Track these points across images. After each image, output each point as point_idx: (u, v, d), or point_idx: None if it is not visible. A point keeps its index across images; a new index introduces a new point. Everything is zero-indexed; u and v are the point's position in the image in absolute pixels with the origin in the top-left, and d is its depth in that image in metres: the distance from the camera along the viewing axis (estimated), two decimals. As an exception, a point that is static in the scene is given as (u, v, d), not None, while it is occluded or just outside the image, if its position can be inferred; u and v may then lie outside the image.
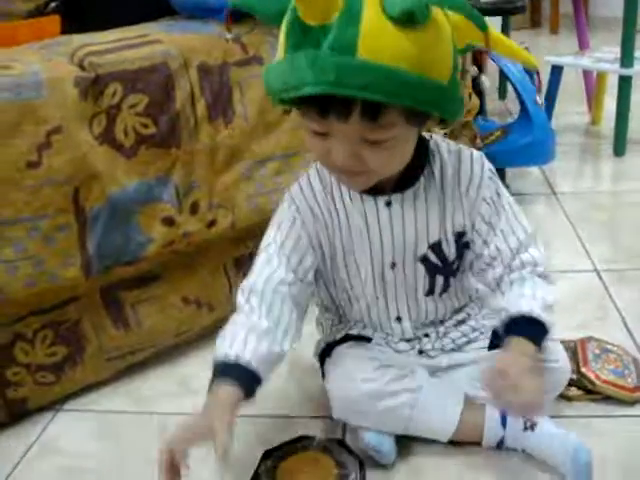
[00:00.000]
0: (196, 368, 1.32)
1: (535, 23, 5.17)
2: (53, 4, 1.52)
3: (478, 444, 1.05)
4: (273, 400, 1.21)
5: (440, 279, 1.05)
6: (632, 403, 1.13)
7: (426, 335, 1.11)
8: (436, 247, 1.01)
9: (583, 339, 1.23)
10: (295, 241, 1.01)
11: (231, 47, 1.27)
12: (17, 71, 1.08)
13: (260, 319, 0.97)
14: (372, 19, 0.75)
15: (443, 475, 1.03)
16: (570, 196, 2.04)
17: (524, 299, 0.97)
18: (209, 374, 1.26)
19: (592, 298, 1.47)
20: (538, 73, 1.02)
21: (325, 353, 1.13)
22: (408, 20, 0.75)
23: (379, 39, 0.75)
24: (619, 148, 2.33)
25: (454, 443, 1.06)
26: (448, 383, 1.08)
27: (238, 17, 1.29)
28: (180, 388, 1.28)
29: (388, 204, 0.98)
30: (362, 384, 1.02)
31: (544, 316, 0.95)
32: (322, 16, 0.76)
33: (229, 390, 0.92)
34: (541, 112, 1.89)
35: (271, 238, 1.03)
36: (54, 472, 1.10)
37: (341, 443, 1.03)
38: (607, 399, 1.13)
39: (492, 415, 1.04)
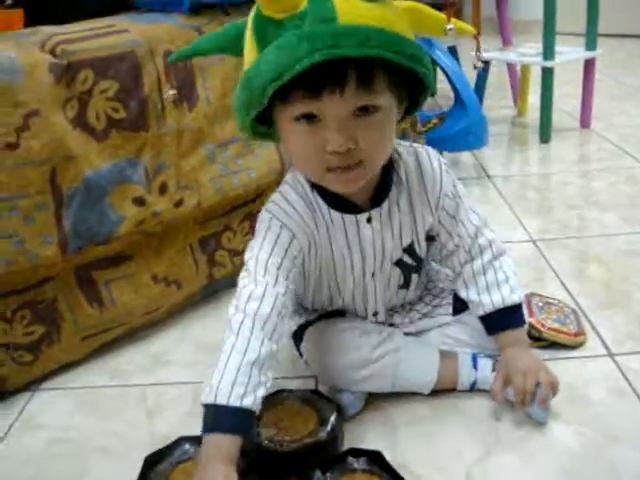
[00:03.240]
0: (167, 344, 1.39)
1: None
2: (10, 1, 1.56)
3: (452, 390, 1.15)
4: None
5: (415, 276, 1.15)
6: (574, 347, 1.25)
7: (396, 312, 1.19)
8: (409, 249, 1.09)
9: (527, 295, 1.35)
10: (281, 258, 0.98)
11: (194, 36, 1.34)
12: (-7, 57, 1.12)
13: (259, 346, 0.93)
14: None
15: (415, 419, 1.12)
16: (503, 179, 2.19)
17: (494, 292, 1.10)
18: (180, 349, 1.34)
19: (531, 263, 1.60)
20: (476, 36, 1.08)
21: (299, 332, 1.16)
22: None
23: (353, 9, 0.80)
24: (544, 135, 2.50)
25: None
26: (422, 341, 1.17)
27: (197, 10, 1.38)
28: (154, 361, 1.33)
29: (369, 220, 1.02)
30: (349, 354, 1.08)
31: (516, 297, 1.09)
32: (293, 8, 0.81)
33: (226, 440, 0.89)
34: (474, 98, 2.03)
35: (254, 256, 0.98)
36: (39, 444, 1.13)
37: (317, 392, 1.11)
38: (553, 345, 1.25)
39: (465, 360, 1.14)
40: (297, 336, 1.18)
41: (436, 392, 1.14)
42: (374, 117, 0.87)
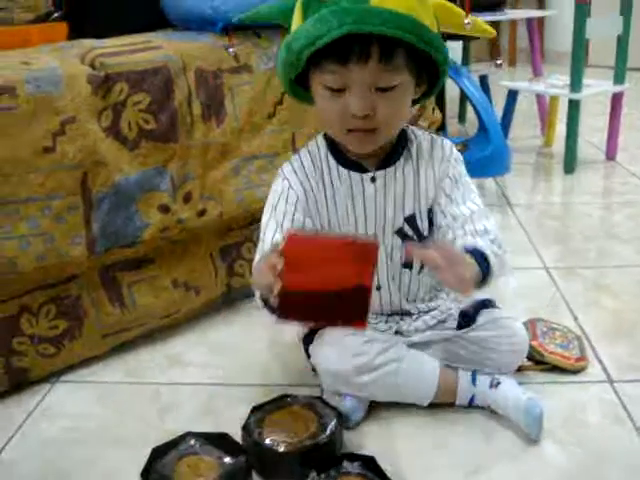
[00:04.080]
0: (183, 346, 1.45)
1: (494, 55, 5.43)
2: (55, 15, 1.65)
3: (450, 405, 1.19)
4: (256, 373, 1.34)
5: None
6: (575, 372, 1.28)
7: (402, 319, 1.24)
8: (411, 220, 1.15)
9: (533, 319, 1.39)
10: (292, 217, 1.12)
11: (224, 56, 1.42)
12: (37, 67, 1.21)
13: None
14: None
15: (414, 431, 1.16)
16: (524, 207, 2.22)
17: (476, 241, 1.07)
18: (195, 352, 1.40)
19: (542, 290, 1.63)
20: (495, 39, 1.23)
21: (309, 335, 1.23)
22: None
23: None
24: (569, 166, 2.53)
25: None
26: (423, 354, 1.21)
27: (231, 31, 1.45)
28: (170, 361, 1.40)
29: (373, 180, 1.13)
30: (353, 358, 1.13)
31: (492, 257, 1.05)
32: None
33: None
34: (498, 127, 2.07)
35: (269, 217, 1.13)
36: (55, 432, 1.20)
37: (320, 399, 1.16)
38: (554, 369, 1.28)
39: (464, 375, 1.18)
40: (307, 339, 1.24)
41: (435, 406, 1.18)
42: (391, 93, 1.00)
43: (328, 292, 0.86)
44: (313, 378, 1.27)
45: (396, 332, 1.23)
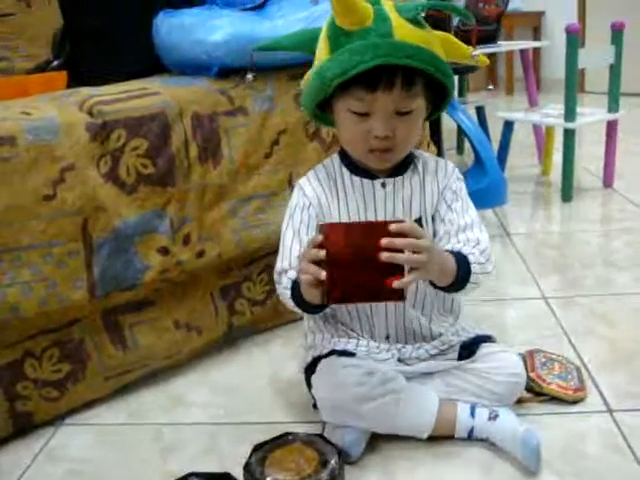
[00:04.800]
0: (186, 387, 1.46)
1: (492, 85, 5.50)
2: (55, 63, 1.70)
3: (450, 438, 1.20)
4: (258, 411, 1.35)
5: None
6: (573, 402, 1.29)
7: (404, 347, 1.26)
8: (418, 223, 1.18)
9: (531, 350, 1.40)
10: (307, 223, 1.22)
11: (219, 99, 1.45)
12: (36, 116, 1.24)
13: None
14: (396, 19, 1.07)
15: (414, 465, 1.17)
16: (522, 236, 2.24)
17: (464, 248, 1.16)
18: (198, 392, 1.42)
19: (541, 320, 1.65)
20: (492, 66, 1.33)
21: (311, 366, 1.26)
22: (416, 21, 1.08)
23: (405, 30, 1.07)
24: (566, 194, 2.55)
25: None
26: (423, 387, 1.23)
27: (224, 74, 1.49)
28: (172, 402, 1.41)
29: (383, 185, 1.21)
30: (352, 388, 1.16)
31: (474, 265, 1.14)
32: (361, 23, 1.06)
33: None
34: (494, 160, 2.10)
35: (286, 226, 1.23)
36: (61, 475, 1.21)
37: (321, 437, 1.17)
38: (553, 399, 1.29)
39: (463, 408, 1.20)
40: (309, 370, 1.27)
41: (435, 439, 1.19)
42: (409, 117, 1.12)
43: (367, 257, 1.00)
44: (314, 415, 1.28)
45: (399, 360, 1.26)
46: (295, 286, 1.16)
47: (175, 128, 1.38)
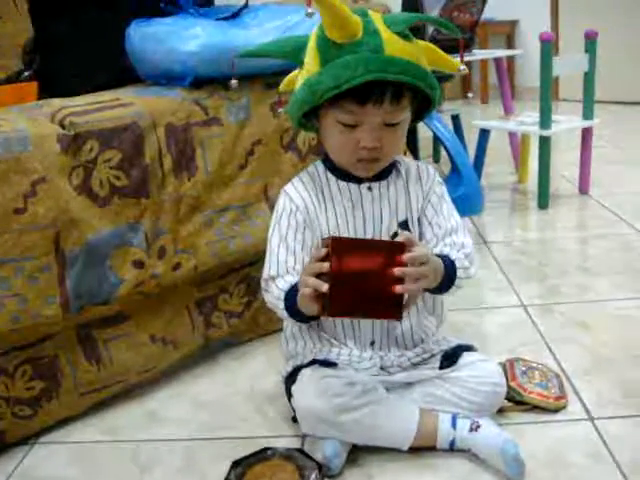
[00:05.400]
0: (162, 402, 1.43)
1: (466, 93, 5.54)
2: (26, 73, 1.67)
3: (431, 449, 1.19)
4: (236, 425, 1.33)
5: None
6: (555, 410, 1.29)
7: (386, 355, 1.25)
8: (404, 225, 1.23)
9: (511, 359, 1.40)
10: (295, 229, 1.22)
11: (194, 109, 1.43)
12: (6, 128, 1.21)
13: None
14: (385, 32, 1.07)
15: (394, 477, 1.15)
16: (500, 244, 2.24)
17: (451, 252, 1.20)
18: (175, 407, 1.40)
19: (520, 328, 1.64)
20: (467, 75, 1.37)
21: (291, 375, 1.25)
22: (404, 34, 1.09)
23: (394, 44, 1.07)
24: (542, 201, 2.56)
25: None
26: (403, 398, 1.22)
27: (199, 84, 1.47)
28: (149, 418, 1.38)
29: (369, 189, 1.22)
30: (332, 398, 1.15)
31: (460, 271, 1.18)
32: (352, 37, 1.06)
33: None
34: (470, 169, 2.10)
35: (272, 232, 1.24)
36: (35, 496, 1.19)
37: (301, 451, 1.15)
38: (534, 408, 1.29)
39: (444, 419, 1.19)
40: (289, 379, 1.25)
41: (416, 450, 1.18)
42: (396, 128, 1.14)
43: (371, 273, 1.03)
44: (294, 428, 1.26)
45: (381, 368, 1.25)
46: (288, 296, 1.16)
47: (149, 139, 1.36)
